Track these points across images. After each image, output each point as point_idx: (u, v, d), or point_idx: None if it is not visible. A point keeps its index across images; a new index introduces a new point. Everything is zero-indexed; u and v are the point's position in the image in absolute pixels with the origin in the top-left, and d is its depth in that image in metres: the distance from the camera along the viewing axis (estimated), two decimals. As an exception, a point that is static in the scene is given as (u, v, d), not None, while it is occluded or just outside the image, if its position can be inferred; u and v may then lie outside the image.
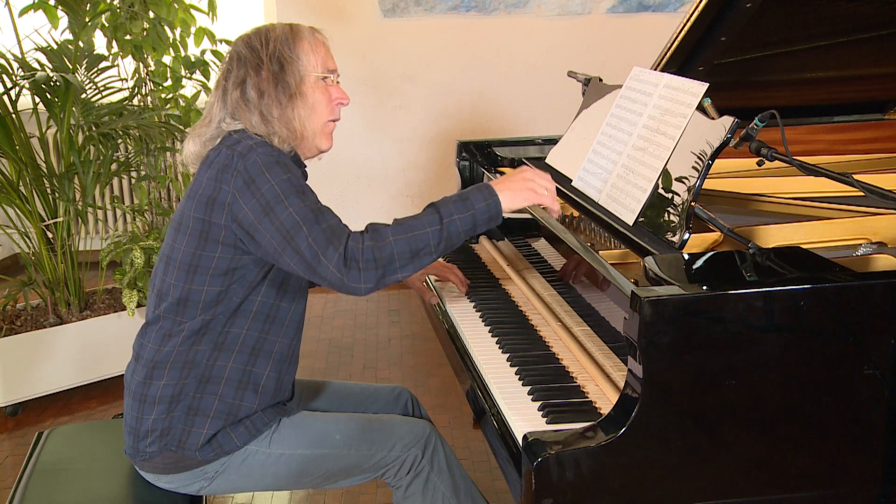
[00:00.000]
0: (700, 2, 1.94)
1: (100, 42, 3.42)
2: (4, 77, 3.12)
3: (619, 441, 1.29)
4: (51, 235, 3.29)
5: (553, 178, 2.11)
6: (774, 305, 1.30)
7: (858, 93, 2.40)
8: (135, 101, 3.51)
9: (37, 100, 3.20)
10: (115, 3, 3.32)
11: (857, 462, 1.39)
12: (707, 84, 1.67)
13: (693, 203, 1.59)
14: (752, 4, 1.91)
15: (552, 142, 2.35)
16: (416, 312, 4.16)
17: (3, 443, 2.98)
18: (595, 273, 1.60)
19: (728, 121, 1.59)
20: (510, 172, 1.63)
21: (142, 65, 3.46)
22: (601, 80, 2.26)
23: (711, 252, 1.60)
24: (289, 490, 2.61)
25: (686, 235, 1.58)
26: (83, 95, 3.26)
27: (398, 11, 4.35)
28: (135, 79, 3.50)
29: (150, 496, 1.71)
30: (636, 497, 1.33)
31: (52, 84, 3.13)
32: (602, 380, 1.58)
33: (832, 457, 1.38)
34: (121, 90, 3.53)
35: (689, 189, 1.61)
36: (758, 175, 2.09)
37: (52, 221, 3.26)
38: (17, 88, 3.16)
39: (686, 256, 1.50)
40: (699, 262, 1.47)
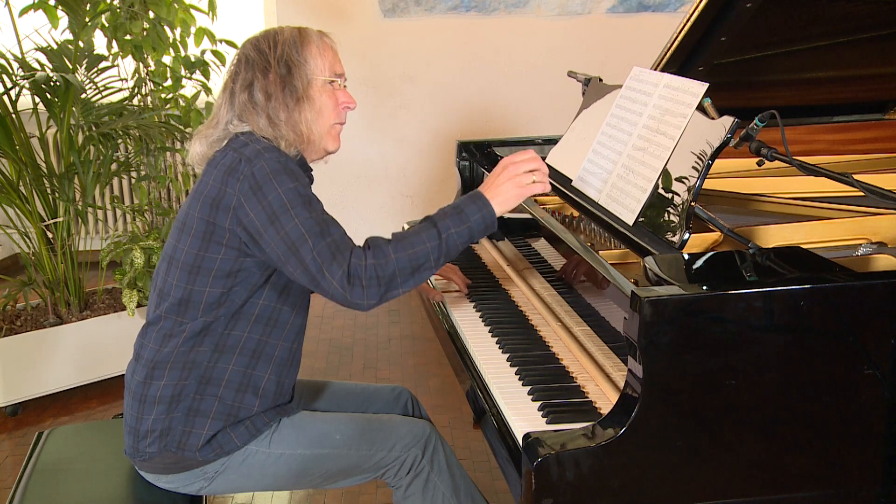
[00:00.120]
0: (700, 2, 1.94)
1: (100, 42, 3.42)
2: (4, 77, 3.12)
3: (619, 441, 1.29)
4: (51, 235, 3.29)
5: (553, 178, 2.12)
6: (774, 305, 1.30)
7: (858, 93, 2.40)
8: (135, 101, 3.51)
9: (37, 100, 3.20)
10: (115, 3, 3.32)
11: (857, 462, 1.39)
12: (707, 84, 1.67)
13: (693, 203, 1.59)
14: (752, 4, 1.91)
15: (552, 142, 2.35)
16: (416, 312, 4.16)
17: (3, 443, 2.98)
18: (595, 273, 1.60)
19: (728, 121, 1.59)
20: (495, 170, 1.63)
21: (142, 65, 3.46)
22: (601, 80, 2.26)
23: (711, 252, 1.60)
24: (289, 490, 2.61)
25: (686, 235, 1.57)
26: (83, 95, 3.26)
27: (398, 11, 4.35)
28: (135, 79, 3.50)
29: (150, 496, 1.71)
30: (636, 497, 1.33)
31: (52, 84, 3.13)
32: (602, 380, 1.58)
33: (832, 457, 1.38)
34: (121, 90, 3.53)
35: (689, 189, 1.61)
36: (758, 175, 2.09)
37: (52, 221, 3.26)
38: (17, 88, 3.16)
39: (686, 256, 1.50)
40: (699, 262, 1.47)
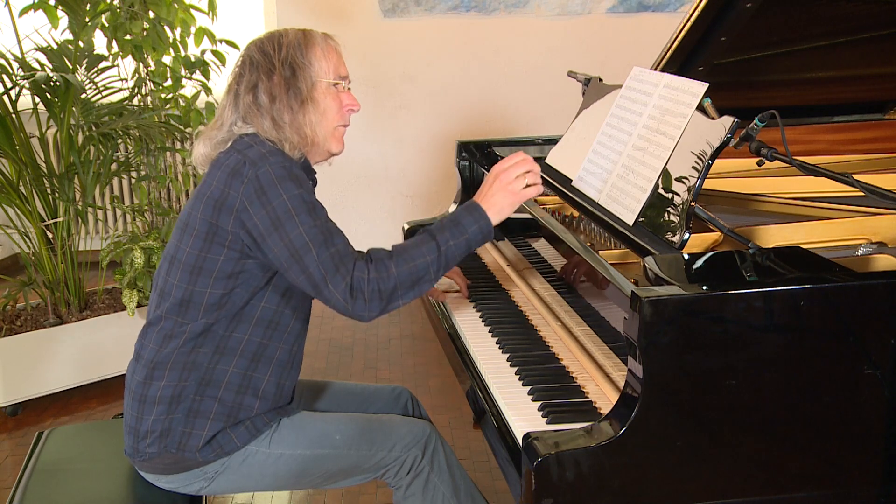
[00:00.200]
0: (700, 2, 1.94)
1: (100, 42, 3.41)
2: (4, 77, 3.12)
3: (619, 441, 1.29)
4: (51, 235, 3.29)
5: (553, 178, 2.13)
6: (774, 305, 1.30)
7: (858, 93, 2.40)
8: (135, 101, 3.51)
9: (37, 100, 3.20)
10: (115, 3, 3.32)
11: (857, 462, 1.39)
12: (707, 84, 1.67)
13: (693, 203, 1.59)
14: (752, 4, 1.91)
15: (552, 142, 2.35)
16: (416, 312, 4.16)
17: (3, 443, 2.98)
18: (595, 273, 1.60)
19: (728, 121, 1.59)
20: (487, 178, 1.66)
21: (142, 65, 3.46)
22: (601, 80, 2.26)
23: (711, 252, 1.60)
24: (289, 490, 2.61)
25: (686, 235, 1.57)
26: (83, 95, 3.26)
27: (398, 11, 4.35)
28: (135, 79, 3.50)
29: (150, 496, 1.71)
30: (636, 497, 1.33)
31: (52, 84, 3.13)
32: (602, 380, 1.58)
33: (832, 457, 1.38)
34: (121, 90, 3.53)
35: (689, 189, 1.61)
36: (758, 175, 2.09)
37: (52, 221, 3.26)
38: (17, 88, 3.16)
39: (686, 256, 1.50)
40: (699, 262, 1.47)
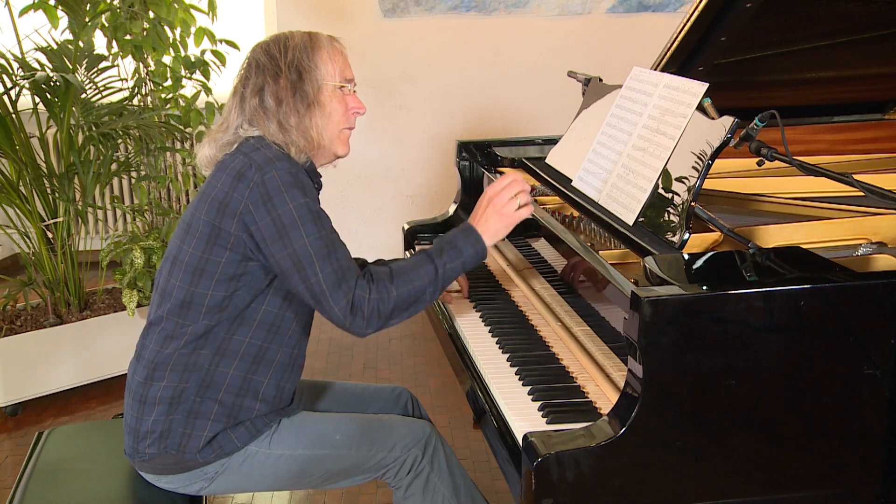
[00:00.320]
0: (700, 2, 1.93)
1: (100, 42, 3.41)
2: (4, 77, 3.12)
3: (620, 441, 1.29)
4: (51, 235, 3.29)
5: (553, 178, 2.13)
6: (774, 305, 1.30)
7: (858, 93, 2.40)
8: (135, 101, 3.51)
9: (37, 100, 3.20)
10: (115, 3, 3.32)
11: (857, 462, 1.39)
12: (707, 84, 1.67)
13: (693, 203, 1.59)
14: (752, 4, 1.91)
15: (552, 142, 2.35)
16: (417, 312, 4.16)
17: (3, 443, 2.98)
18: (595, 273, 1.60)
19: (728, 121, 1.59)
20: (481, 201, 1.70)
21: (142, 65, 3.46)
22: (601, 80, 2.26)
23: (711, 252, 1.60)
24: (289, 490, 2.61)
25: (686, 235, 1.58)
26: (83, 95, 3.26)
27: (398, 11, 4.35)
28: (135, 79, 3.50)
29: (150, 496, 1.71)
30: (636, 497, 1.33)
31: (52, 84, 3.13)
32: (602, 380, 1.58)
33: (832, 457, 1.38)
34: (121, 90, 3.53)
35: (689, 189, 1.61)
36: (758, 175, 2.09)
37: (52, 221, 3.26)
38: (17, 88, 3.16)
39: (686, 256, 1.50)
40: (699, 262, 1.47)
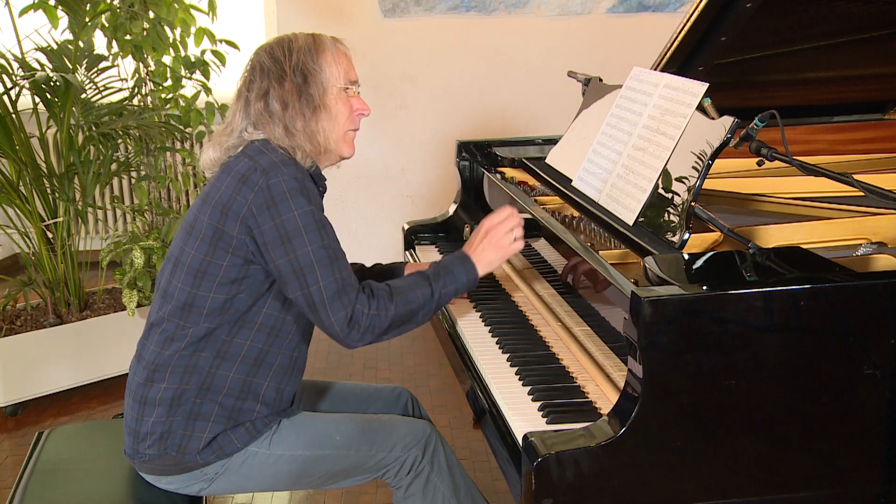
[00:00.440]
0: (700, 2, 1.93)
1: (100, 42, 3.41)
2: (4, 77, 3.12)
3: (620, 441, 1.29)
4: (51, 235, 3.29)
5: (553, 178, 2.13)
6: (774, 305, 1.30)
7: (858, 93, 2.40)
8: (135, 101, 3.51)
9: (37, 100, 3.20)
10: (115, 3, 3.32)
11: (857, 462, 1.39)
12: (707, 84, 1.67)
13: (693, 203, 1.59)
14: (752, 4, 1.91)
15: (552, 142, 2.35)
16: (416, 312, 4.15)
17: (3, 443, 2.98)
18: (595, 273, 1.60)
19: (728, 121, 1.59)
20: (478, 231, 1.76)
21: (142, 65, 3.46)
22: (601, 80, 2.26)
23: (711, 252, 1.60)
24: (289, 490, 2.61)
25: (686, 235, 1.57)
26: (83, 95, 3.26)
27: (398, 11, 4.35)
28: (135, 79, 3.50)
29: (150, 496, 1.71)
30: (636, 497, 1.33)
31: (52, 84, 3.13)
32: (602, 380, 1.58)
33: (832, 457, 1.38)
34: (121, 90, 3.53)
35: (689, 189, 1.61)
36: (758, 175, 2.09)
37: (52, 221, 3.26)
38: (17, 88, 3.16)
39: (686, 256, 1.50)
40: (699, 262, 1.47)
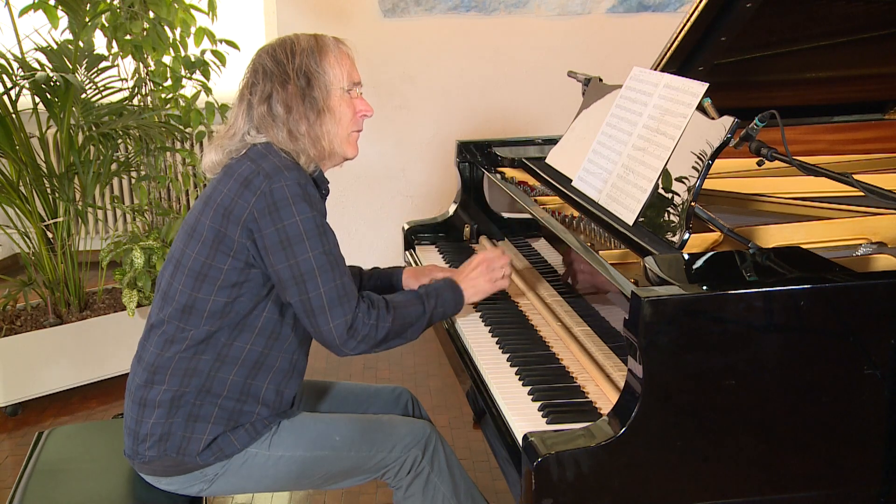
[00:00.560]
0: (700, 2, 1.93)
1: (100, 42, 3.41)
2: (4, 77, 3.12)
3: (620, 441, 1.29)
4: (51, 235, 3.29)
5: (553, 178, 2.13)
6: (774, 305, 1.30)
7: (858, 93, 2.40)
8: (135, 101, 3.51)
9: (37, 100, 3.20)
10: (115, 3, 3.32)
11: (857, 462, 1.39)
12: (707, 84, 1.67)
13: (693, 203, 1.59)
14: (752, 4, 1.91)
15: (552, 142, 2.35)
16: (416, 312, 4.15)
17: (3, 443, 2.97)
18: (595, 273, 1.60)
19: (728, 121, 1.59)
20: (473, 261, 1.85)
21: (142, 65, 3.46)
22: (601, 80, 2.26)
23: (711, 252, 1.60)
24: (289, 491, 2.61)
25: (686, 235, 1.57)
26: (83, 95, 3.26)
27: (398, 11, 4.35)
28: (135, 79, 3.50)
29: (150, 496, 1.70)
30: (636, 497, 1.33)
31: (52, 84, 3.13)
32: (602, 380, 1.58)
33: (832, 457, 1.38)
34: (121, 90, 3.53)
35: (689, 189, 1.61)
36: (758, 175, 2.09)
37: (52, 221, 3.26)
38: (17, 88, 3.16)
39: (686, 256, 1.50)
40: (699, 262, 1.47)
